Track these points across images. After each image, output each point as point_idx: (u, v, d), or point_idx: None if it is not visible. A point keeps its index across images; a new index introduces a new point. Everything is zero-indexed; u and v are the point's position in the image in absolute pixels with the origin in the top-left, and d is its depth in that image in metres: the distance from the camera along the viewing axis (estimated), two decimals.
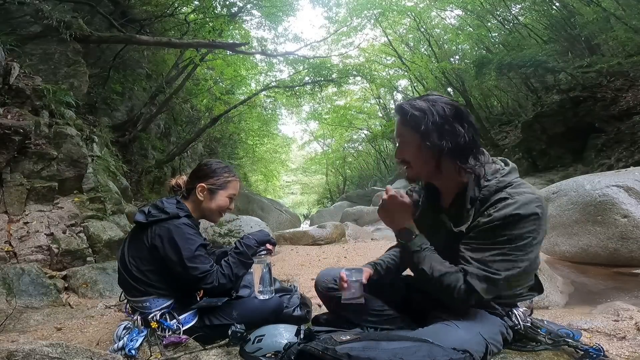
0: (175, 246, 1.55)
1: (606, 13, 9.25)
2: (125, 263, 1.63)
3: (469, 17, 14.40)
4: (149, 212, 1.65)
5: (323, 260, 4.77)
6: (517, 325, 1.28)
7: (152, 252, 1.58)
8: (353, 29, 15.13)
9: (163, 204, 1.67)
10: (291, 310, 1.79)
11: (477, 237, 1.18)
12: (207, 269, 1.57)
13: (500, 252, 1.13)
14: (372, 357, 0.98)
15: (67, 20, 5.41)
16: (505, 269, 1.12)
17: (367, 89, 19.43)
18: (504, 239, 1.12)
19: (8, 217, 3.49)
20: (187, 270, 1.54)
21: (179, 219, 1.62)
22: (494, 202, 1.16)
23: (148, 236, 1.60)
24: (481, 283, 1.13)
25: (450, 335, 1.12)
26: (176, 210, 1.65)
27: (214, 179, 1.76)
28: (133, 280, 1.60)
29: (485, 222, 1.16)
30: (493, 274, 1.12)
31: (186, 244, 1.56)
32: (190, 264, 1.54)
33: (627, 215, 3.28)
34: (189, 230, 1.61)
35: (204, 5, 9.15)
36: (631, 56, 8.72)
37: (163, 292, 1.62)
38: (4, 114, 3.72)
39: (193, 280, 1.56)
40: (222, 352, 1.44)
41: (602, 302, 2.49)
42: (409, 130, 1.25)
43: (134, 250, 1.64)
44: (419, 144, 1.23)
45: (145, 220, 1.62)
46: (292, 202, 29.61)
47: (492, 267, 1.12)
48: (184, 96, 10.48)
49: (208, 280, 1.56)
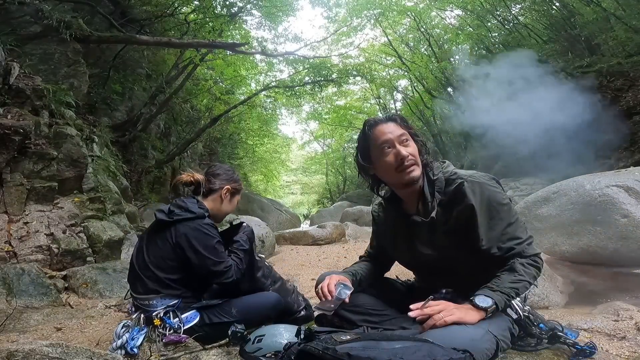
0: (203, 244, 1.61)
1: (606, 13, 9.25)
2: (143, 260, 1.65)
3: (469, 17, 14.39)
4: (172, 211, 1.68)
5: (323, 260, 4.77)
6: (517, 316, 1.30)
7: (176, 251, 1.61)
8: (353, 29, 15.13)
9: (186, 203, 1.70)
10: (298, 311, 1.81)
11: (486, 228, 1.30)
12: (230, 264, 1.66)
13: (510, 223, 1.31)
14: (372, 356, 0.98)
15: (67, 20, 5.41)
16: (524, 229, 1.34)
17: (367, 89, 19.39)
18: (501, 212, 1.31)
19: (8, 217, 3.49)
20: (213, 265, 1.62)
21: (203, 219, 1.68)
22: (454, 190, 1.34)
23: (172, 235, 1.63)
24: (532, 247, 1.32)
25: (460, 334, 1.12)
26: (199, 210, 1.70)
27: (237, 183, 1.87)
28: (148, 277, 1.62)
29: (465, 209, 1.30)
30: (527, 239, 1.32)
31: (212, 242, 1.64)
32: (216, 258, 1.63)
33: (627, 215, 3.28)
34: (213, 230, 1.69)
35: (204, 5, 9.15)
36: (631, 56, 8.72)
37: (174, 292, 1.63)
38: (4, 114, 3.72)
39: (216, 275, 1.64)
40: (222, 352, 1.44)
41: (602, 302, 2.49)
42: (406, 133, 1.39)
43: (155, 249, 1.66)
44: (416, 144, 1.40)
45: (170, 219, 1.65)
46: (292, 202, 29.58)
47: (522, 235, 1.32)
48: (184, 96, 10.48)
49: (229, 274, 1.64)
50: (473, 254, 1.31)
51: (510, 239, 1.29)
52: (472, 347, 1.07)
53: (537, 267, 1.29)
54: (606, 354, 1.53)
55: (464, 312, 1.18)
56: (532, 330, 1.32)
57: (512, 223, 1.31)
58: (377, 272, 1.65)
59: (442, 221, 1.34)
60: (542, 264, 1.31)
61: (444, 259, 1.37)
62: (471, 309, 1.19)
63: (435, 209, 1.35)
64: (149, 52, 9.05)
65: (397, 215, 1.50)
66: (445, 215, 1.34)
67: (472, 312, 1.19)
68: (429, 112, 17.29)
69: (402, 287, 1.64)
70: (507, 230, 1.30)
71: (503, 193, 1.36)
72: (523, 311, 1.32)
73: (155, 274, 1.62)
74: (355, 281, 1.51)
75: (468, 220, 1.30)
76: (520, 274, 1.25)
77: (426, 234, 1.39)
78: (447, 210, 1.34)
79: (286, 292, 1.90)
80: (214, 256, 1.62)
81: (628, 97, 8.23)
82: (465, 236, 1.31)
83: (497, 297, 1.21)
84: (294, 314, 1.83)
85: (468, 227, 1.30)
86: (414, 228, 1.42)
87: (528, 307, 1.37)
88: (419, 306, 1.22)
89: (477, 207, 1.29)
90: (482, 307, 1.18)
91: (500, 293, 1.22)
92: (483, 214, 1.29)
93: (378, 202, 1.65)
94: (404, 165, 1.34)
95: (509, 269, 1.27)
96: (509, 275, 1.26)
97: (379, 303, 1.52)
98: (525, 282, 1.25)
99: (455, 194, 1.33)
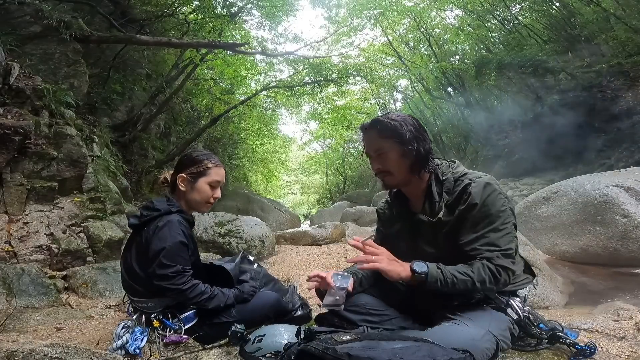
0: (161, 239, 1.53)
1: (606, 13, 9.25)
2: (130, 268, 1.64)
3: (469, 17, 14.38)
4: (141, 214, 1.66)
5: (323, 260, 4.77)
6: (518, 316, 1.31)
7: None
8: (353, 29, 15.12)
9: (153, 203, 1.68)
10: (294, 310, 1.80)
11: (471, 227, 1.30)
12: (180, 270, 1.53)
13: (495, 229, 1.28)
14: (372, 356, 0.98)
15: (67, 20, 5.40)
16: (508, 241, 1.28)
17: (367, 89, 19.40)
18: (491, 216, 1.28)
19: (8, 217, 3.49)
20: (158, 267, 1.50)
21: (170, 215, 1.60)
22: (460, 191, 1.33)
23: (143, 237, 1.60)
24: (505, 259, 1.26)
25: (460, 334, 1.13)
26: (167, 206, 1.64)
27: (193, 167, 1.71)
28: (140, 285, 1.61)
29: (467, 209, 1.30)
30: (505, 250, 1.27)
31: (171, 238, 1.53)
32: (166, 260, 1.50)
33: (627, 215, 3.28)
34: (178, 228, 1.58)
35: (204, 5, 9.15)
36: (631, 56, 8.72)
37: (164, 296, 1.60)
38: (4, 114, 3.72)
39: (159, 278, 1.51)
40: (222, 352, 1.44)
41: (602, 302, 2.49)
42: (389, 141, 1.39)
43: (135, 254, 1.64)
44: (401, 151, 1.38)
45: (138, 222, 1.64)
46: (292, 202, 29.57)
47: (501, 244, 1.27)
48: (184, 96, 10.47)
49: (177, 281, 1.51)
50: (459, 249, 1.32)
51: (486, 244, 1.28)
52: (472, 347, 1.07)
53: (495, 276, 1.24)
54: (606, 354, 1.53)
55: (393, 266, 1.27)
56: (532, 331, 1.32)
57: (499, 230, 1.28)
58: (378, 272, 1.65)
59: (446, 221, 1.35)
60: (503, 277, 1.25)
61: (446, 258, 1.37)
62: (404, 269, 1.27)
63: (442, 210, 1.36)
64: (149, 52, 9.04)
65: (403, 213, 1.52)
66: (450, 216, 1.35)
67: (400, 267, 1.27)
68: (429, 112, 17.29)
69: (402, 287, 1.64)
70: (489, 235, 1.28)
71: (505, 200, 1.34)
72: (523, 311, 1.33)
73: (143, 279, 1.59)
74: (357, 280, 1.51)
75: (467, 218, 1.31)
76: (471, 270, 1.25)
77: (430, 233, 1.40)
78: (453, 210, 1.35)
79: (280, 293, 1.88)
80: (164, 258, 1.51)
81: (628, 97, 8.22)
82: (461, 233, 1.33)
83: (433, 271, 1.25)
84: (288, 313, 1.80)
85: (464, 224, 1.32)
86: (418, 226, 1.43)
87: (528, 307, 1.37)
88: (360, 239, 1.34)
89: (478, 206, 1.29)
90: (414, 270, 1.26)
91: (440, 272, 1.25)
92: (476, 213, 1.30)
93: (384, 200, 1.67)
94: (378, 176, 1.45)
95: (469, 264, 1.28)
96: (461, 266, 1.27)
97: (379, 303, 1.52)
98: (468, 280, 1.23)
99: (462, 194, 1.34)
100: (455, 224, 1.34)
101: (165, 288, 1.53)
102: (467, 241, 1.30)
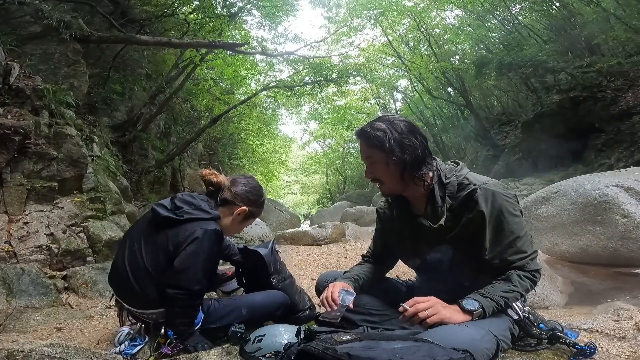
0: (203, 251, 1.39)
1: (606, 13, 9.24)
2: (138, 265, 1.43)
3: (469, 17, 14.40)
4: (179, 207, 1.44)
5: (323, 260, 4.78)
6: (518, 317, 1.31)
7: (177, 253, 1.40)
8: (353, 29, 15.16)
9: (197, 200, 1.48)
10: (302, 311, 1.80)
11: (493, 238, 1.28)
12: (204, 288, 1.46)
13: (518, 237, 1.28)
14: (372, 356, 0.98)
15: (67, 20, 5.40)
16: (530, 244, 1.32)
17: (367, 89, 19.42)
18: (509, 224, 1.27)
19: (8, 217, 3.49)
20: (190, 278, 1.38)
21: (213, 223, 1.45)
22: (466, 197, 1.30)
23: (174, 236, 1.40)
24: (534, 262, 1.30)
25: (460, 334, 1.13)
26: (214, 212, 1.47)
27: (258, 207, 1.65)
28: (141, 286, 1.42)
29: (475, 217, 1.28)
30: (532, 254, 1.30)
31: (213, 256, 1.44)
32: (200, 275, 1.39)
33: (627, 215, 3.28)
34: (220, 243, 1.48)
35: (204, 5, 9.15)
36: (631, 56, 8.72)
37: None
38: (4, 114, 3.72)
39: (184, 290, 1.38)
40: (222, 352, 1.43)
41: (602, 302, 2.49)
42: (374, 150, 1.35)
43: (152, 251, 1.43)
44: (386, 161, 1.33)
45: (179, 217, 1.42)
46: (292, 202, 29.59)
47: (528, 250, 1.29)
48: (184, 96, 10.47)
49: (197, 300, 1.43)
50: (476, 261, 1.31)
51: (515, 253, 1.28)
52: (473, 347, 1.07)
53: (534, 281, 1.29)
54: (606, 354, 1.53)
55: (450, 313, 1.20)
56: (532, 331, 1.32)
57: (521, 237, 1.29)
58: (379, 272, 1.64)
59: (450, 226, 1.33)
60: (539, 278, 1.31)
61: (447, 262, 1.36)
62: (458, 311, 1.21)
63: (445, 215, 1.33)
64: (149, 52, 9.04)
65: (403, 214, 1.48)
66: (454, 221, 1.32)
67: (458, 313, 1.20)
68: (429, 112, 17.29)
69: (402, 287, 1.65)
70: (514, 243, 1.28)
71: (516, 204, 1.32)
72: (523, 312, 1.32)
73: (149, 280, 1.41)
74: (358, 287, 1.50)
75: (476, 229, 1.28)
76: (514, 284, 1.26)
77: (432, 237, 1.38)
78: (457, 216, 1.32)
79: (294, 290, 1.85)
80: (201, 272, 1.38)
81: (628, 97, 8.22)
82: (471, 243, 1.30)
83: (485, 302, 1.22)
84: (298, 312, 1.78)
85: (475, 235, 1.29)
86: (420, 229, 1.40)
87: (528, 308, 1.37)
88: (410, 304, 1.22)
89: (487, 216, 1.27)
90: (468, 310, 1.20)
91: (490, 300, 1.23)
92: (492, 224, 1.27)
93: (384, 199, 1.62)
94: (373, 182, 1.44)
95: (505, 278, 1.27)
96: (503, 284, 1.26)
97: (379, 303, 1.53)
98: (516, 294, 1.26)
99: (467, 200, 1.30)
100: (462, 231, 1.31)
101: (177, 299, 1.38)
102: (495, 254, 1.28)
